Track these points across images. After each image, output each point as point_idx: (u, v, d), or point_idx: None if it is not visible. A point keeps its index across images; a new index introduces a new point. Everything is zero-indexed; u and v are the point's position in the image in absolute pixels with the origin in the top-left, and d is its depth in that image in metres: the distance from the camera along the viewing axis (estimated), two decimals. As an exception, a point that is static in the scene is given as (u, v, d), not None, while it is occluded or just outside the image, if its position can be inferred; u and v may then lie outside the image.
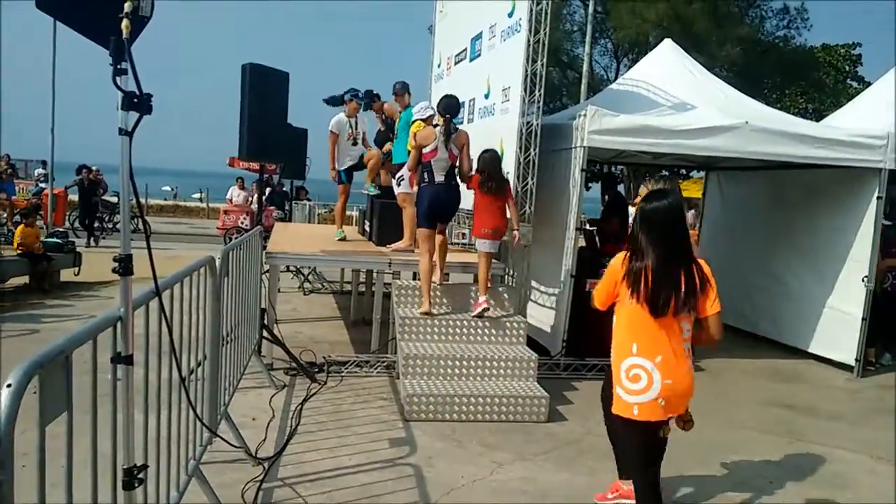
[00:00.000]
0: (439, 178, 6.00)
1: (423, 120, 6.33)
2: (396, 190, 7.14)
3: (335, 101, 7.62)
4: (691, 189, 23.68)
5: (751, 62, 22.53)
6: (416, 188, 6.47)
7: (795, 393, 6.67)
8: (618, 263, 3.16)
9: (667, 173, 5.26)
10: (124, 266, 2.40)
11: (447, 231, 6.92)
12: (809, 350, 7.92)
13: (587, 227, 8.06)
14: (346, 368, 6.20)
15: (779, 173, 8.44)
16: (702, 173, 11.37)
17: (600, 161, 10.64)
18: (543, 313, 7.21)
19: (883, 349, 7.85)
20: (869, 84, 14.64)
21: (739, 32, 22.44)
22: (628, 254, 3.13)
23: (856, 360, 7.29)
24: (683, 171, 23.54)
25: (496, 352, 5.78)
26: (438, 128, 6.06)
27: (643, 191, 4.01)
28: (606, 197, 8.38)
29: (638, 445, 3.17)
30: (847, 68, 26.32)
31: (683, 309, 3.04)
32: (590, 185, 15.77)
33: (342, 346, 7.23)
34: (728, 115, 6.94)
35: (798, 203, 8.30)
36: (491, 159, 6.07)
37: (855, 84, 25.59)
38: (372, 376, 6.17)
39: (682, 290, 3.01)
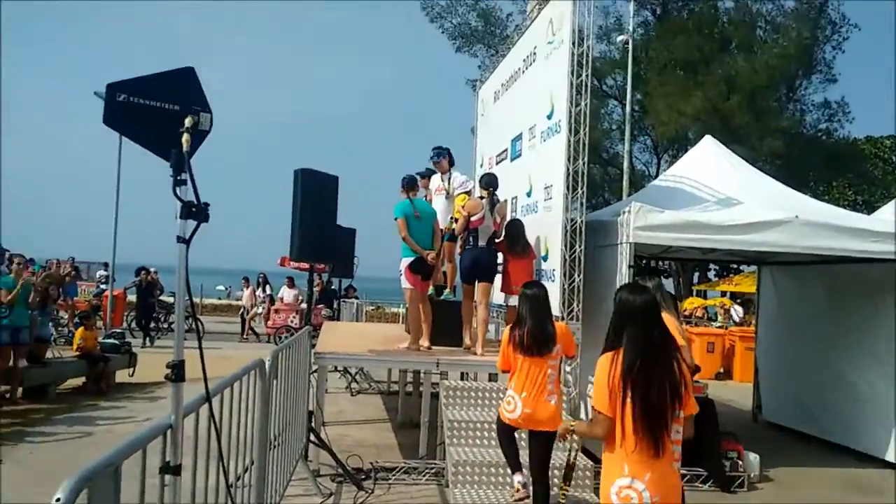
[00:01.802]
0: (482, 242, 6.78)
1: (466, 193, 7.33)
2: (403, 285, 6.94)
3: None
4: (743, 283, 23.19)
5: (795, 154, 22.43)
6: (412, 282, 6.78)
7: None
8: (506, 334, 4.61)
9: (649, 271, 5.72)
10: (177, 372, 2.44)
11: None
12: (887, 458, 7.35)
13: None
14: (394, 475, 6.02)
15: (833, 267, 8.17)
16: (753, 267, 11.15)
17: (648, 256, 10.54)
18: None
19: None
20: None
21: (780, 125, 22.52)
22: (510, 326, 4.64)
23: (940, 467, 6.74)
24: (734, 266, 23.20)
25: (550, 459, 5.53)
26: (484, 199, 6.82)
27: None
28: None
29: (505, 439, 4.74)
30: (895, 159, 26.02)
31: (550, 354, 4.45)
32: (637, 279, 15.65)
33: (389, 450, 7.07)
34: (776, 209, 6.87)
35: (857, 297, 7.99)
36: (518, 226, 6.97)
37: (904, 174, 25.20)
38: (420, 484, 5.97)
39: (549, 341, 4.44)
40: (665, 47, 23.29)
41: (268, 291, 18.34)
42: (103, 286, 18.06)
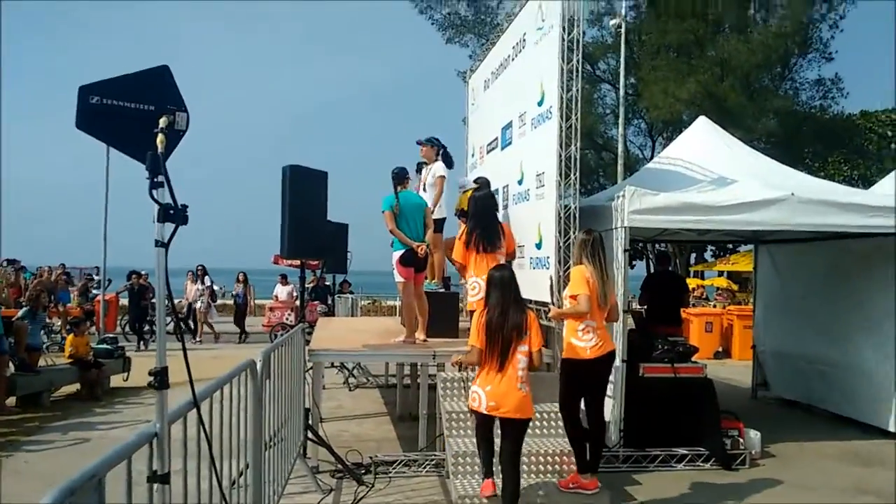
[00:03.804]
0: None
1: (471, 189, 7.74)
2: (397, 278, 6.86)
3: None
4: (740, 263, 23.15)
5: (789, 133, 22.30)
6: (404, 275, 6.71)
7: (878, 478, 6.13)
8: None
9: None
10: (160, 379, 2.35)
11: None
12: (890, 429, 7.34)
13: (635, 307, 7.83)
14: (394, 468, 5.96)
15: (832, 243, 8.11)
16: (750, 246, 11.09)
17: (643, 240, 10.48)
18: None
19: None
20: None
21: (774, 105, 22.38)
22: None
23: (943, 439, 6.71)
24: (730, 246, 23.17)
25: (551, 446, 5.48)
26: None
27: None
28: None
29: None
30: (889, 133, 25.90)
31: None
32: (634, 262, 15.57)
33: (389, 443, 7.01)
34: (771, 188, 6.78)
35: (856, 272, 7.93)
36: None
37: (899, 148, 25.08)
38: (421, 476, 5.91)
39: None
40: (658, 30, 23.08)
41: (206, 283, 16.91)
42: (95, 291, 17.89)
